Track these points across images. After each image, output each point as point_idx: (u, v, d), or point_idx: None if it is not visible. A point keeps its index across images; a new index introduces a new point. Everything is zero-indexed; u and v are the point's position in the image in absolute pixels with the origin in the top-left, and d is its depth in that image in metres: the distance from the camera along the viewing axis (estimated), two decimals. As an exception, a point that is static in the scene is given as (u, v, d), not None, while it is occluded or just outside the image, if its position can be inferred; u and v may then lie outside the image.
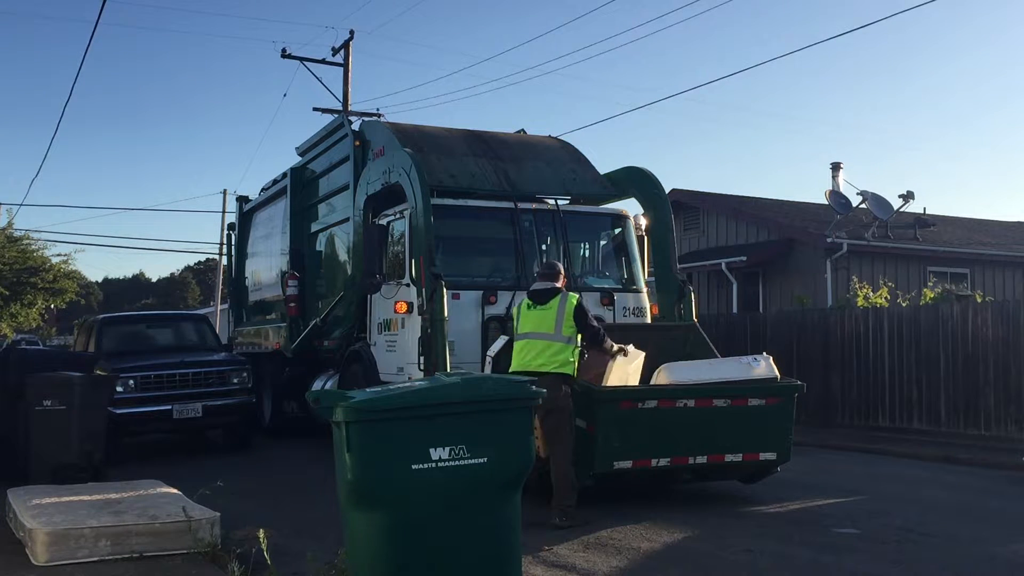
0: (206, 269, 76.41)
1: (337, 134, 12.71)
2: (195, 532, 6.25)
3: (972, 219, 26.59)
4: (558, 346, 7.52)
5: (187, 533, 6.24)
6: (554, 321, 7.54)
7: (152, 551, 6.19)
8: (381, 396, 4.60)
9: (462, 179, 10.54)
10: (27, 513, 6.56)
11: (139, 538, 6.22)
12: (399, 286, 10.01)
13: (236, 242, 17.03)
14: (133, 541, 6.20)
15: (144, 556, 6.15)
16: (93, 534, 6.14)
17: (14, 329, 35.52)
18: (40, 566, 6.01)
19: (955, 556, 6.48)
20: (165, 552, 6.21)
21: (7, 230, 30.79)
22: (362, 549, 4.56)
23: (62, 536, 6.08)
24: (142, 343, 13.75)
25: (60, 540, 6.07)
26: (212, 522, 6.41)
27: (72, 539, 6.10)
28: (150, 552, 6.18)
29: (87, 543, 6.11)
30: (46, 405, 9.48)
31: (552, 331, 7.54)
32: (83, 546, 6.10)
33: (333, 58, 24.79)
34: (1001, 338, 12.43)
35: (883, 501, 8.47)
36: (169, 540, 6.27)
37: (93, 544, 6.12)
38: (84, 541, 6.11)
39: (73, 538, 6.10)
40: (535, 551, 6.41)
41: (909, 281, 19.29)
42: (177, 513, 6.44)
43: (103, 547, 6.13)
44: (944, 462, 11.26)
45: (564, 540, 6.84)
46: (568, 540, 6.85)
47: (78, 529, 6.15)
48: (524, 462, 4.75)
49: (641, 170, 11.49)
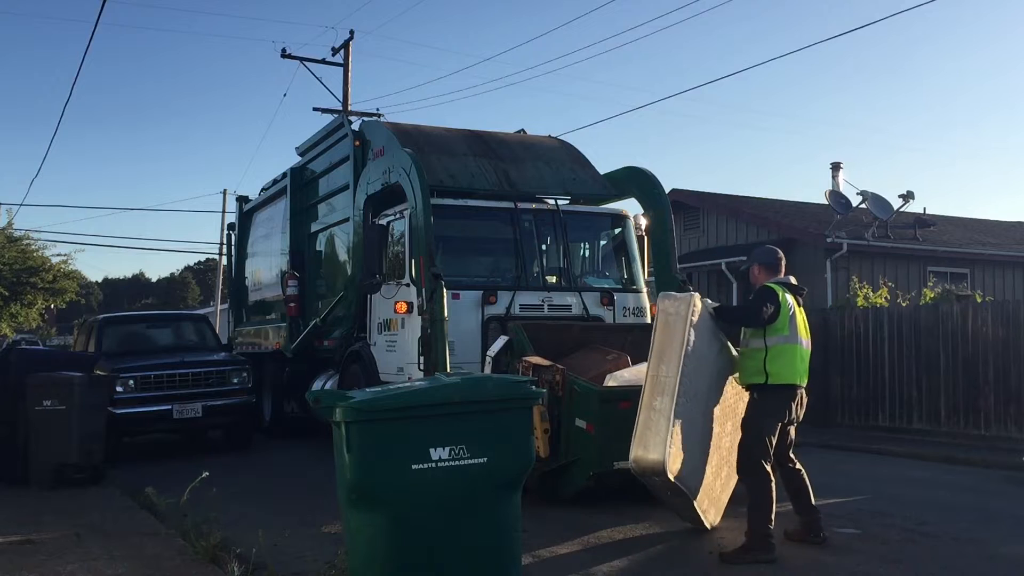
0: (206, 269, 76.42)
1: (337, 134, 12.71)
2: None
3: (972, 219, 26.58)
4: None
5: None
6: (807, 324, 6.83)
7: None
8: (381, 396, 4.60)
9: (462, 179, 10.54)
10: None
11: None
12: (399, 286, 10.01)
13: (236, 242, 17.03)
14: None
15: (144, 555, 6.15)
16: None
17: (14, 329, 35.49)
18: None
19: (955, 556, 6.47)
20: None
21: (7, 230, 30.74)
22: (362, 549, 4.56)
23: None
24: (142, 343, 13.75)
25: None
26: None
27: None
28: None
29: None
30: (46, 405, 9.49)
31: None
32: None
33: (333, 58, 24.82)
34: (1001, 338, 12.43)
35: (883, 501, 8.46)
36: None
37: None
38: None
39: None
40: (535, 551, 6.40)
41: (909, 281, 19.28)
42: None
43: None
44: (944, 462, 11.26)
45: (564, 540, 6.83)
46: (568, 540, 6.84)
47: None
48: (524, 462, 4.76)
49: (641, 170, 11.49)
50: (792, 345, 6.50)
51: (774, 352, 6.46)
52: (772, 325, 6.48)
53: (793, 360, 6.49)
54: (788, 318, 6.50)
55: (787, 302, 6.53)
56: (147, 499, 7.85)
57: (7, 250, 29.66)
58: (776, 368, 6.45)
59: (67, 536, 6.95)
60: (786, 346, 6.48)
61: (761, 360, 6.47)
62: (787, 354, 6.47)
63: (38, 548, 6.55)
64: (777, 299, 6.48)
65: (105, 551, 6.42)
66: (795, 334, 6.52)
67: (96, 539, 6.83)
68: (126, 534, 6.99)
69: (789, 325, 6.50)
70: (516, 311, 9.73)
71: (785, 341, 6.48)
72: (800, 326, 6.58)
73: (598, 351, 8.89)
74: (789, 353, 6.48)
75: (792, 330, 6.50)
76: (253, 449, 12.74)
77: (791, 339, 6.50)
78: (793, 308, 6.55)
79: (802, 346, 6.57)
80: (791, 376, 6.49)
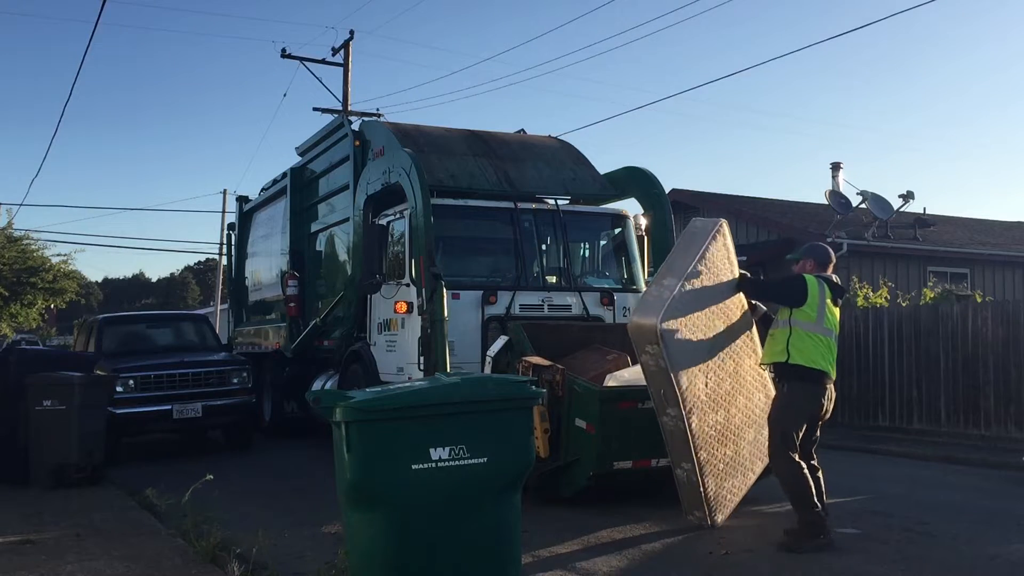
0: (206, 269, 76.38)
1: (337, 134, 12.71)
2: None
3: (972, 219, 26.59)
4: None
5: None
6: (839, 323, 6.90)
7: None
8: (381, 396, 4.60)
9: (462, 179, 10.54)
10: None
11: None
12: (399, 286, 10.00)
13: (236, 242, 17.03)
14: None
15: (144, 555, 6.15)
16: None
17: (14, 329, 35.50)
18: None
19: (955, 556, 6.47)
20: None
21: (7, 230, 30.73)
22: (362, 549, 4.56)
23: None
24: (142, 343, 13.76)
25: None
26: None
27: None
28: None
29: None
30: (46, 405, 9.50)
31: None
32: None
33: (333, 58, 24.83)
34: (1001, 338, 12.43)
35: (883, 501, 8.46)
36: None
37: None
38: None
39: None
40: (535, 551, 6.40)
41: (909, 281, 19.29)
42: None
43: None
44: (944, 462, 11.26)
45: (564, 540, 6.83)
46: (568, 540, 6.84)
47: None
48: (524, 462, 4.76)
49: (641, 170, 11.49)
50: (818, 334, 6.55)
51: (798, 335, 6.53)
52: (800, 308, 6.55)
53: (818, 346, 6.54)
54: (817, 305, 6.56)
55: (818, 291, 6.60)
56: (147, 499, 7.85)
57: (7, 250, 29.65)
58: (798, 349, 6.51)
59: (67, 536, 6.95)
60: (812, 333, 6.54)
61: (784, 340, 6.57)
62: (812, 340, 6.53)
63: (38, 548, 6.55)
64: (806, 287, 6.58)
65: (105, 551, 6.42)
66: (822, 323, 6.56)
67: (96, 539, 6.84)
68: (126, 534, 6.99)
69: (818, 312, 6.55)
70: (516, 311, 9.73)
71: (812, 328, 6.54)
72: (831, 319, 6.63)
73: (598, 351, 8.89)
74: (814, 339, 6.54)
75: (820, 319, 6.56)
76: (253, 449, 12.75)
77: (818, 327, 6.55)
78: (825, 299, 6.61)
79: (830, 337, 6.61)
80: (815, 360, 6.52)
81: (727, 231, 7.30)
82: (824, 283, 6.72)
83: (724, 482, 7.21)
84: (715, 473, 7.12)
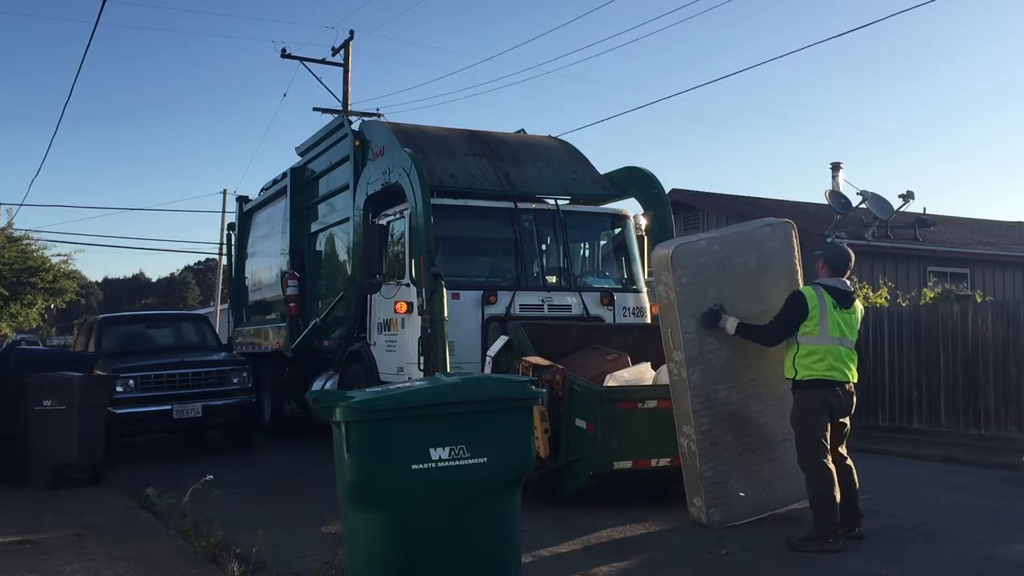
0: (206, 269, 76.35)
1: (337, 134, 12.71)
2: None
3: (972, 219, 26.58)
4: (855, 356, 7.00)
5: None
6: (857, 328, 6.94)
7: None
8: (381, 396, 4.60)
9: (462, 179, 10.54)
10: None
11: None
12: (399, 286, 10.01)
13: (236, 242, 17.02)
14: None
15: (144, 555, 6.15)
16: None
17: (14, 329, 35.49)
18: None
19: (955, 556, 6.47)
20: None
21: (7, 230, 30.73)
22: (362, 549, 4.56)
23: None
24: (142, 343, 13.76)
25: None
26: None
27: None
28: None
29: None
30: (46, 405, 9.50)
31: (855, 339, 6.95)
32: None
33: (333, 58, 24.85)
34: (1001, 338, 12.43)
35: (883, 501, 8.45)
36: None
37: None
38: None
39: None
40: (535, 551, 6.40)
41: (909, 281, 19.28)
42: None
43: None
44: (944, 462, 11.25)
45: (564, 540, 6.84)
46: (568, 540, 6.84)
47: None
48: (524, 462, 4.76)
49: (641, 170, 11.49)
50: (823, 345, 6.68)
51: (804, 350, 6.72)
52: (803, 323, 6.72)
53: (825, 358, 6.68)
54: (819, 317, 6.69)
55: (817, 302, 6.72)
56: (147, 499, 7.85)
57: (7, 250, 29.66)
58: (805, 365, 6.70)
59: (67, 536, 6.95)
60: (817, 346, 6.68)
61: (792, 357, 6.76)
62: (816, 353, 6.68)
63: (38, 548, 6.55)
64: (805, 305, 6.72)
65: (105, 551, 6.42)
66: (826, 333, 6.69)
67: (96, 539, 6.84)
68: (126, 534, 6.99)
69: (820, 324, 6.69)
70: (516, 311, 9.73)
71: (816, 341, 6.69)
72: (835, 326, 6.72)
73: (598, 351, 8.89)
74: (819, 352, 6.68)
75: (823, 330, 6.69)
76: (253, 449, 12.74)
77: (822, 339, 6.68)
78: (827, 309, 6.72)
79: (837, 345, 6.71)
80: (820, 372, 6.68)
81: (793, 233, 7.69)
82: (823, 290, 6.80)
83: (726, 473, 7.20)
84: (714, 455, 7.13)
